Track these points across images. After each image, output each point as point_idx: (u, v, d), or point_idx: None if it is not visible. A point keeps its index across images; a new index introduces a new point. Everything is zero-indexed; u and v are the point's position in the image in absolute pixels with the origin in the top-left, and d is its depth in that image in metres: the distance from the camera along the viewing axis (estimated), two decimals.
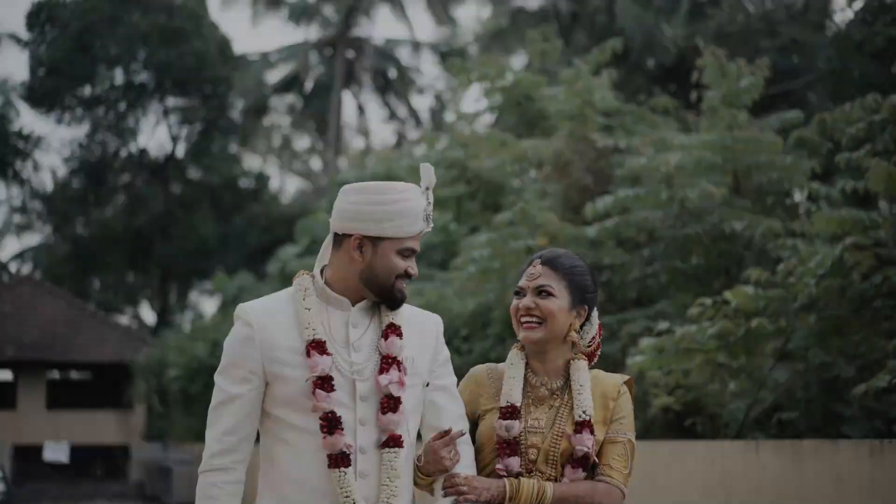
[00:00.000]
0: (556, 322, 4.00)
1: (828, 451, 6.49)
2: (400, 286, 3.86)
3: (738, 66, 11.85)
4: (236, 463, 3.82)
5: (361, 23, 40.51)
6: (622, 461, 3.99)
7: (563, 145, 12.32)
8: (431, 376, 3.96)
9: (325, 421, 3.72)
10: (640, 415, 9.56)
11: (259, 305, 3.89)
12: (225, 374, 3.83)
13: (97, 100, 45.78)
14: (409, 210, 3.78)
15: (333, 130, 38.35)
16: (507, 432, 3.97)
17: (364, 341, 3.86)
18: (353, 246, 3.79)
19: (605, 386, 4.06)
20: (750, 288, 8.11)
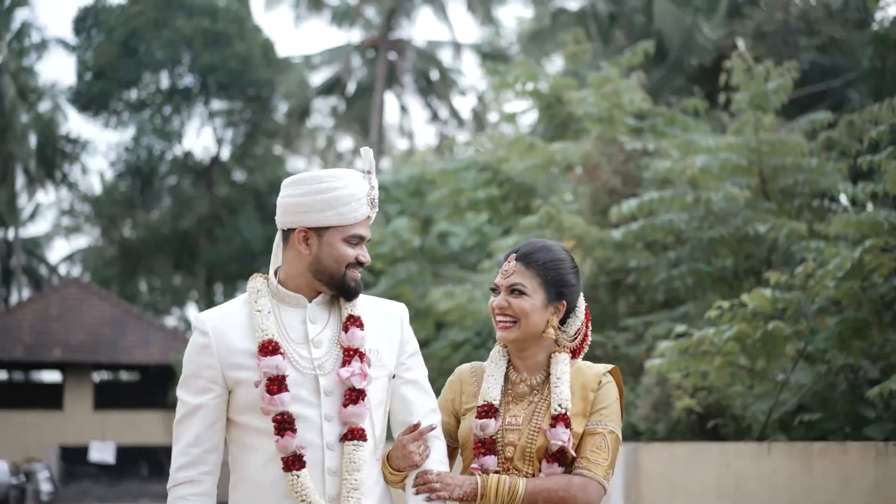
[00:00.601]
0: (530, 321, 3.88)
1: (836, 452, 6.56)
2: (352, 275, 3.75)
3: (767, 69, 11.86)
4: (204, 475, 3.72)
5: (403, 24, 40.67)
6: (601, 453, 3.82)
7: (592, 148, 12.41)
8: (399, 368, 3.86)
9: (276, 423, 3.64)
10: (664, 416, 9.64)
11: (215, 313, 3.81)
12: (186, 386, 3.75)
13: (143, 103, 46.28)
14: (350, 196, 3.70)
15: (375, 132, 38.53)
16: (483, 431, 3.86)
17: (324, 336, 3.77)
18: (298, 239, 3.72)
19: (585, 377, 3.92)
20: (768, 291, 8.16)
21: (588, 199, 12.36)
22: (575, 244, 11.16)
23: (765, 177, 10.85)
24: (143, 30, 44.28)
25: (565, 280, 3.93)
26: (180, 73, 46.08)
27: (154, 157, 46.95)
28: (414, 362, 3.90)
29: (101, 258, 48.43)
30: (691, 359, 8.46)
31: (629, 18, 27.60)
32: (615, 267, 11.58)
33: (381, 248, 17.89)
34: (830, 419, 8.75)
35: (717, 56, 25.56)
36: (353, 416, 3.67)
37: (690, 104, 14.10)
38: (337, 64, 40.99)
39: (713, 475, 7.89)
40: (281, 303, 3.78)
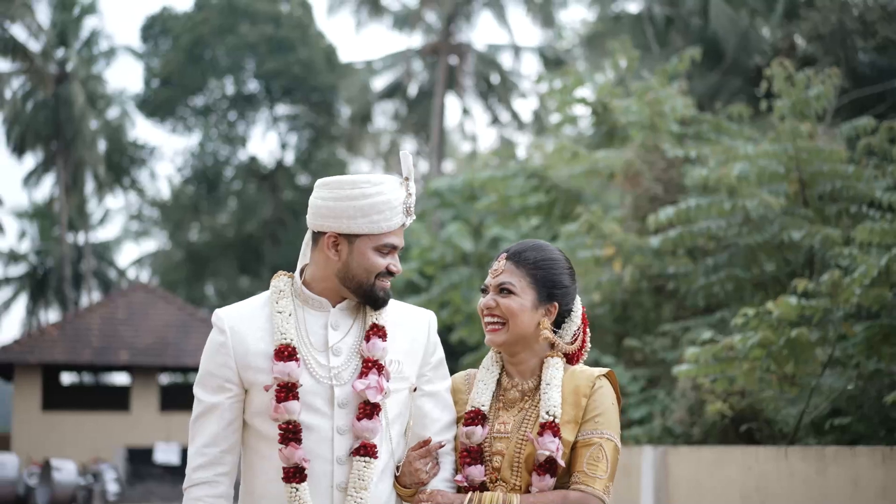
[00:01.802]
0: (519, 322, 3.69)
1: (846, 456, 6.74)
2: (381, 285, 3.58)
3: (807, 76, 11.98)
4: (220, 476, 3.57)
5: (463, 28, 40.91)
6: (599, 465, 3.58)
7: (634, 156, 12.59)
8: (420, 380, 3.68)
9: (281, 431, 3.48)
10: (699, 420, 9.83)
11: (234, 311, 3.64)
12: (202, 384, 3.60)
13: (208, 109, 46.93)
14: (385, 204, 3.53)
15: (436, 136, 38.79)
16: (469, 439, 3.66)
17: (345, 344, 3.60)
18: (328, 245, 3.56)
19: (578, 381, 3.67)
20: (793, 298, 8.32)
21: (630, 206, 12.54)
22: (615, 251, 11.36)
23: (803, 183, 10.97)
24: (209, 37, 44.93)
25: (557, 280, 3.74)
26: (245, 79, 46.68)
27: (220, 162, 47.57)
28: (436, 374, 3.74)
29: (169, 262, 49.13)
30: (719, 364, 8.64)
31: (685, 21, 27.69)
32: (655, 273, 11.77)
33: (432, 255, 18.16)
34: (863, 423, 8.89)
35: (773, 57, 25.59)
36: (366, 430, 3.50)
37: (735, 110, 14.22)
38: (398, 68, 41.32)
39: (737, 478, 8.09)
40: (304, 305, 3.63)
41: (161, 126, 47.64)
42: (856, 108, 21.73)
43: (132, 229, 54.64)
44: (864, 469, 6.50)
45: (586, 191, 14.28)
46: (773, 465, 7.53)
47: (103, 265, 55.97)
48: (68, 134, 44.99)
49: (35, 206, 55.24)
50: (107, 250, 56.39)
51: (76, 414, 33.40)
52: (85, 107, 44.59)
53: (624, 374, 11.55)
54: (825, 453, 6.99)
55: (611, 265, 11.89)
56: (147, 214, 52.18)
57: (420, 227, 20.51)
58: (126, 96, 49.62)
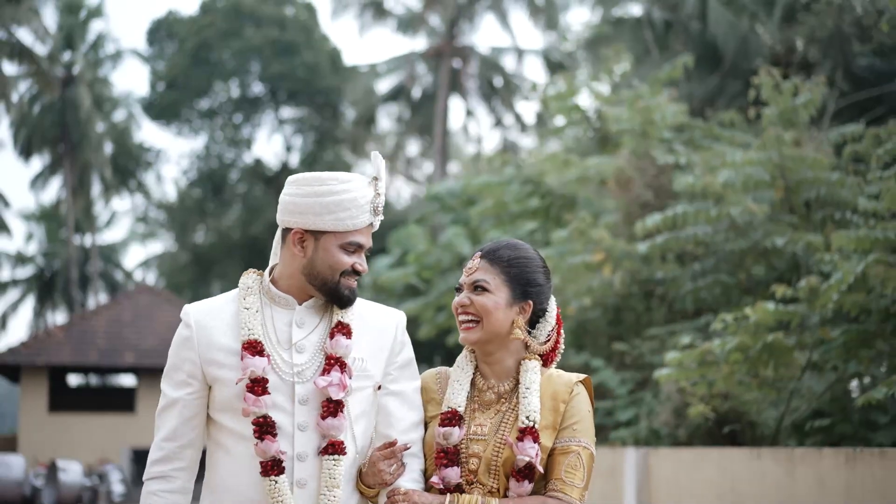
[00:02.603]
0: (493, 319, 3.66)
1: (814, 458, 6.98)
2: (347, 283, 3.60)
3: (795, 84, 12.21)
4: (178, 471, 3.60)
5: (466, 32, 41.12)
6: (577, 473, 3.60)
7: (625, 162, 12.82)
8: (386, 379, 3.68)
9: (256, 426, 3.49)
10: (684, 422, 10.08)
11: (201, 306, 3.67)
12: (167, 378, 3.63)
13: (213, 112, 47.13)
14: (351, 202, 3.54)
15: (439, 139, 39.02)
16: (446, 440, 3.63)
17: (309, 342, 3.61)
18: (294, 241, 3.58)
19: (556, 386, 3.67)
20: (771, 304, 8.55)
21: (621, 211, 12.78)
22: (604, 257, 11.61)
23: (788, 190, 11.20)
24: (214, 40, 45.14)
25: (531, 279, 3.71)
26: (250, 82, 46.88)
27: (225, 164, 47.76)
28: (403, 374, 3.72)
29: (175, 264, 49.32)
30: (700, 368, 8.87)
31: (685, 25, 27.85)
32: (645, 278, 12.01)
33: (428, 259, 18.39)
34: (845, 424, 9.12)
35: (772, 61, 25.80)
36: (332, 428, 3.52)
37: (727, 117, 14.44)
38: (402, 71, 41.52)
39: (714, 478, 8.34)
40: (271, 302, 3.65)
41: (167, 129, 47.85)
42: (854, 111, 21.92)
43: (138, 231, 54.95)
44: (829, 470, 6.75)
45: (580, 196, 14.52)
46: (746, 465, 7.78)
47: (110, 267, 56.27)
48: (75, 136, 45.28)
49: (42, 208, 55.58)
50: (113, 252, 56.68)
51: (82, 415, 33.64)
52: (91, 110, 44.88)
53: (613, 376, 11.81)
54: (794, 455, 7.24)
55: (601, 270, 12.14)
56: (153, 217, 52.44)
57: (419, 231, 20.73)
58: (132, 99, 49.94)
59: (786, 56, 23.55)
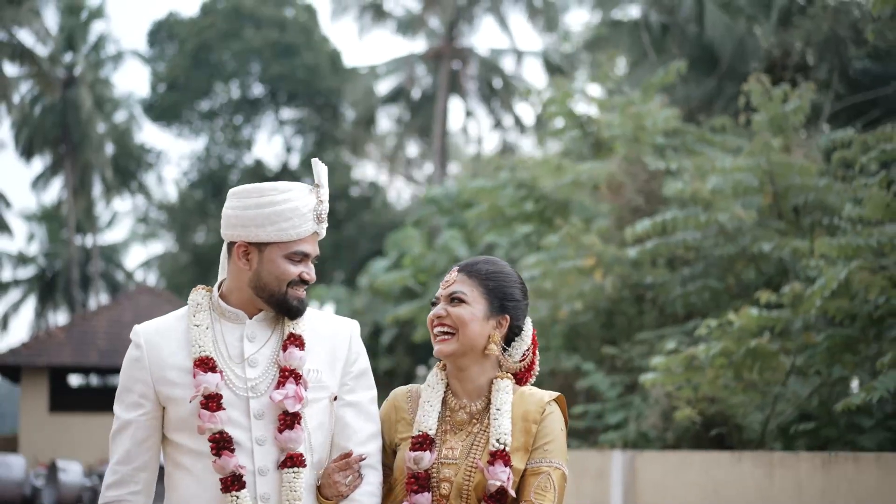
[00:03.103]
0: (469, 332, 3.59)
1: (791, 462, 7.14)
2: (294, 294, 3.55)
3: (784, 91, 12.35)
4: (133, 495, 3.55)
5: (466, 33, 41.27)
6: (547, 495, 3.51)
7: (617, 168, 12.98)
8: (342, 389, 3.63)
9: (213, 442, 3.45)
10: (672, 426, 10.24)
11: (151, 325, 3.63)
12: (119, 400, 3.59)
13: (214, 113, 47.28)
14: (292, 211, 3.50)
15: (438, 140, 39.17)
16: (416, 465, 3.55)
17: (262, 355, 3.57)
18: (238, 254, 3.55)
19: (527, 406, 3.58)
20: (755, 309, 8.71)
21: (613, 216, 12.94)
22: (595, 262, 11.77)
23: (776, 196, 11.35)
24: (214, 42, 45.30)
25: (509, 293, 3.67)
26: (250, 84, 47.04)
27: (226, 165, 47.90)
28: (359, 384, 3.67)
29: (176, 264, 49.45)
30: (685, 373, 9.03)
31: (682, 28, 27.98)
32: (635, 282, 12.17)
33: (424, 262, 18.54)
34: (830, 428, 9.27)
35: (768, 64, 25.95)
36: (289, 441, 3.49)
37: (719, 122, 14.59)
38: (401, 73, 41.67)
39: (698, 481, 8.50)
40: (221, 317, 3.61)
41: (167, 130, 48.01)
42: (850, 114, 22.06)
43: (139, 232, 55.07)
44: (806, 473, 6.91)
45: (574, 201, 14.68)
46: (728, 469, 7.94)
47: (111, 267, 56.42)
48: (76, 137, 45.42)
49: (43, 208, 55.72)
50: (114, 253, 56.82)
51: (83, 416, 33.78)
52: (92, 110, 45.03)
53: (604, 380, 11.97)
54: (773, 458, 7.40)
55: (592, 275, 12.31)
56: (154, 217, 52.58)
57: (415, 233, 20.89)
58: (133, 100, 50.08)
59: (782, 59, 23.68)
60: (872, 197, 8.45)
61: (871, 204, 8.45)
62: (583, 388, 12.43)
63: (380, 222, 42.92)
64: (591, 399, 12.68)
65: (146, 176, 50.85)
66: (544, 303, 12.79)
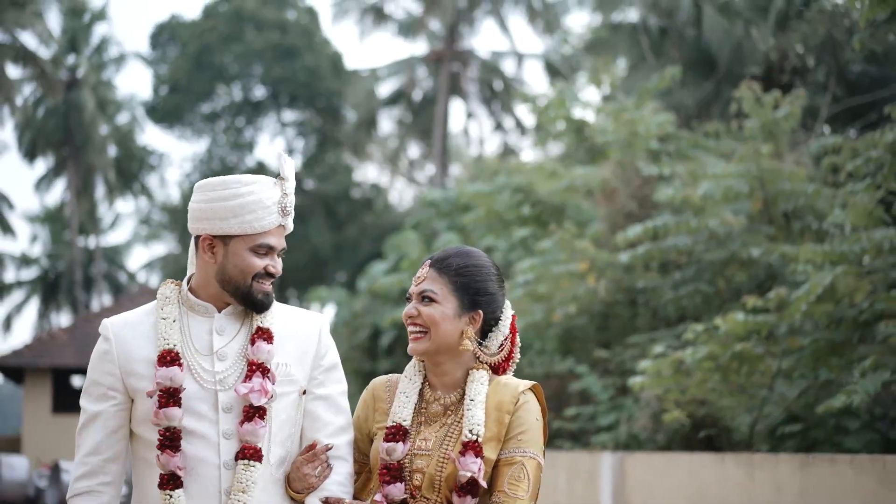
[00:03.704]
0: (441, 330, 3.56)
1: (771, 463, 7.35)
2: (260, 287, 3.54)
3: (775, 98, 12.53)
4: (104, 486, 3.55)
5: (466, 36, 41.47)
6: (520, 485, 3.47)
7: (611, 173, 13.19)
8: (311, 383, 3.63)
9: (160, 437, 3.45)
10: (662, 427, 10.44)
11: (119, 319, 3.64)
12: (87, 394, 3.58)
13: (216, 115, 47.48)
14: (256, 203, 3.50)
15: (438, 143, 39.36)
16: (389, 456, 3.54)
17: (230, 349, 3.57)
18: (203, 247, 3.55)
19: (501, 396, 3.55)
20: (741, 314, 8.91)
21: (606, 221, 13.15)
22: (588, 266, 11.98)
23: (767, 202, 11.54)
24: (216, 44, 45.49)
25: (481, 287, 3.61)
26: (252, 86, 47.24)
27: (228, 167, 48.09)
28: (329, 377, 3.67)
29: (179, 265, 49.60)
30: (674, 376, 9.23)
31: (680, 32, 28.18)
32: (627, 287, 12.39)
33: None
34: (818, 429, 9.47)
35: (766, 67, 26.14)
36: (248, 434, 3.48)
37: (712, 129, 14.79)
38: (402, 75, 41.87)
39: (683, 482, 8.70)
40: (190, 311, 3.61)
41: (170, 132, 48.22)
42: (848, 117, 22.25)
43: (142, 233, 55.25)
44: (784, 474, 7.11)
45: (569, 205, 14.88)
46: (711, 469, 8.15)
47: (114, 269, 56.59)
48: (79, 139, 45.63)
49: (46, 210, 55.90)
50: (117, 254, 57.00)
51: None
52: (95, 112, 45.24)
53: (596, 382, 12.19)
54: (753, 460, 7.61)
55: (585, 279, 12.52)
56: (156, 219, 52.78)
57: (414, 237, 21.09)
58: (135, 102, 50.27)
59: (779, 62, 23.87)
60: (855, 204, 8.64)
61: (854, 211, 8.64)
62: (576, 390, 12.64)
63: (381, 224, 43.06)
64: (584, 401, 12.89)
65: (149, 178, 51.07)
66: (539, 306, 13.01)
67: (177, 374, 3.46)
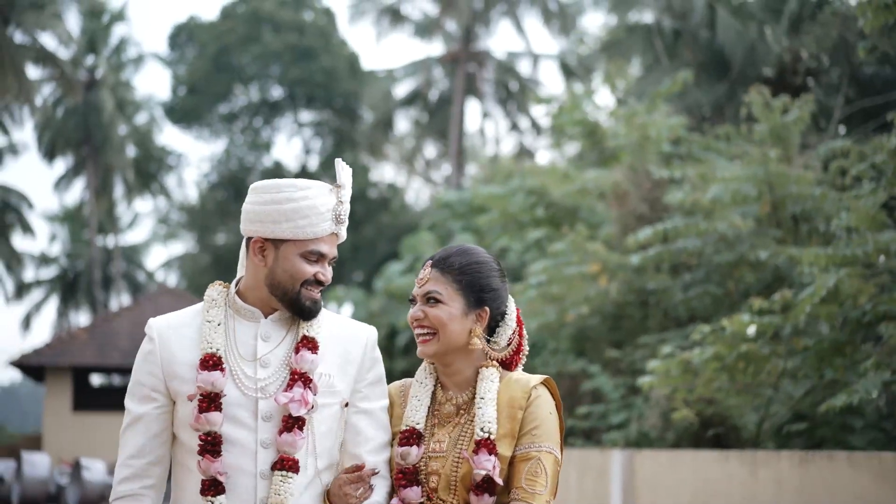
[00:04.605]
0: (449, 331, 3.52)
1: (772, 460, 7.61)
2: (308, 294, 3.46)
3: (784, 103, 12.75)
4: (146, 489, 3.48)
5: (482, 36, 41.69)
6: (538, 480, 3.42)
7: (623, 176, 13.43)
8: (355, 396, 3.55)
9: (201, 442, 3.38)
10: (671, 426, 10.69)
11: (164, 320, 3.56)
12: (131, 393, 3.51)
13: (234, 116, 47.78)
14: (310, 209, 3.42)
15: (455, 143, 39.59)
16: (404, 460, 3.50)
17: (274, 356, 3.49)
18: (254, 250, 3.48)
19: (513, 392, 3.51)
20: (746, 315, 9.15)
21: (618, 224, 13.39)
22: (600, 268, 12.23)
23: (775, 205, 11.77)
24: (234, 45, 45.79)
25: (485, 284, 3.58)
26: (270, 87, 47.52)
27: (245, 167, 48.36)
28: (373, 391, 3.59)
29: (196, 265, 49.90)
30: (682, 376, 9.47)
31: (694, 34, 28.35)
32: (638, 288, 12.64)
33: None
34: (824, 428, 9.70)
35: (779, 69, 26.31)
36: (286, 444, 3.39)
37: (723, 131, 15.00)
38: (419, 76, 42.10)
39: (689, 478, 8.96)
40: (236, 314, 3.53)
41: (188, 132, 48.54)
42: (861, 118, 22.42)
43: (160, 233, 55.57)
44: (785, 471, 7.37)
45: (582, 207, 15.12)
46: (716, 466, 8.40)
47: (132, 268, 56.94)
48: (98, 139, 45.96)
49: (65, 209, 56.30)
50: (135, 253, 57.35)
51: (105, 415, 34.22)
52: (114, 113, 45.57)
53: (608, 381, 12.45)
54: (756, 457, 7.86)
55: (597, 281, 12.78)
56: (174, 218, 53.09)
57: (430, 237, 21.33)
58: (154, 102, 50.62)
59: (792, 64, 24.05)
60: (858, 209, 8.86)
61: (857, 215, 8.86)
62: (588, 389, 12.90)
63: (398, 224, 43.27)
64: (596, 400, 13.14)
65: (167, 177, 51.39)
66: (552, 307, 13.27)
67: (218, 378, 3.40)
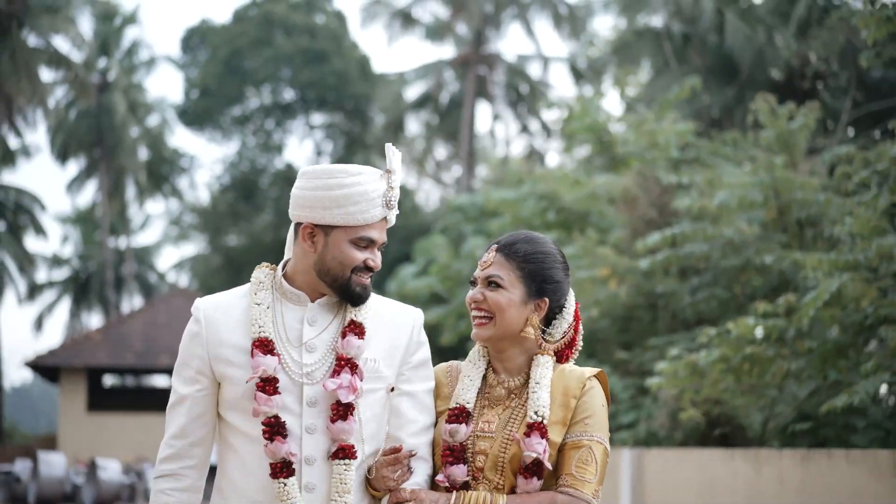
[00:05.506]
0: (507, 317, 3.51)
1: (775, 458, 7.89)
2: (358, 280, 3.42)
3: (789, 110, 13.00)
4: (187, 469, 3.49)
5: (493, 39, 41.94)
6: (588, 468, 3.43)
7: (631, 182, 13.71)
8: (399, 379, 3.53)
9: (266, 426, 3.36)
10: (679, 425, 10.97)
11: (210, 301, 3.55)
12: (177, 373, 3.52)
13: (246, 118, 48.07)
14: (361, 195, 3.38)
15: (465, 145, 39.86)
16: (452, 437, 3.50)
17: (321, 340, 3.46)
18: (304, 235, 3.44)
19: (567, 381, 3.50)
20: (752, 318, 9.43)
21: (628, 229, 13.68)
22: (610, 272, 12.52)
23: (780, 210, 12.03)
24: (246, 48, 46.08)
25: (548, 275, 3.56)
26: (281, 89, 47.79)
27: (257, 169, 48.63)
28: (417, 374, 3.57)
29: (208, 266, 50.17)
30: (689, 377, 9.76)
31: (703, 38, 28.61)
32: (647, 291, 12.92)
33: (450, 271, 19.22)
34: (828, 428, 9.96)
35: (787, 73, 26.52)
36: (342, 432, 3.38)
37: (730, 137, 15.27)
38: (430, 79, 42.35)
39: (695, 476, 9.24)
40: (283, 298, 3.51)
41: (200, 134, 48.82)
42: (868, 121, 22.64)
43: (172, 234, 55.89)
44: (787, 468, 7.65)
45: (593, 212, 15.40)
46: (721, 464, 8.69)
47: (144, 269, 57.27)
48: (110, 141, 46.29)
49: (78, 211, 56.67)
50: (147, 254, 57.69)
51: (120, 415, 34.55)
52: (126, 115, 45.91)
53: (618, 382, 12.73)
54: (760, 455, 8.14)
55: (607, 284, 13.07)
56: (186, 220, 53.39)
57: (442, 241, 21.57)
58: (166, 105, 50.96)
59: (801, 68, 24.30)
60: (861, 215, 9.12)
61: (860, 221, 9.12)
62: None
63: (408, 225, 43.49)
64: None
65: (179, 179, 51.72)
66: None
67: (275, 363, 3.39)
